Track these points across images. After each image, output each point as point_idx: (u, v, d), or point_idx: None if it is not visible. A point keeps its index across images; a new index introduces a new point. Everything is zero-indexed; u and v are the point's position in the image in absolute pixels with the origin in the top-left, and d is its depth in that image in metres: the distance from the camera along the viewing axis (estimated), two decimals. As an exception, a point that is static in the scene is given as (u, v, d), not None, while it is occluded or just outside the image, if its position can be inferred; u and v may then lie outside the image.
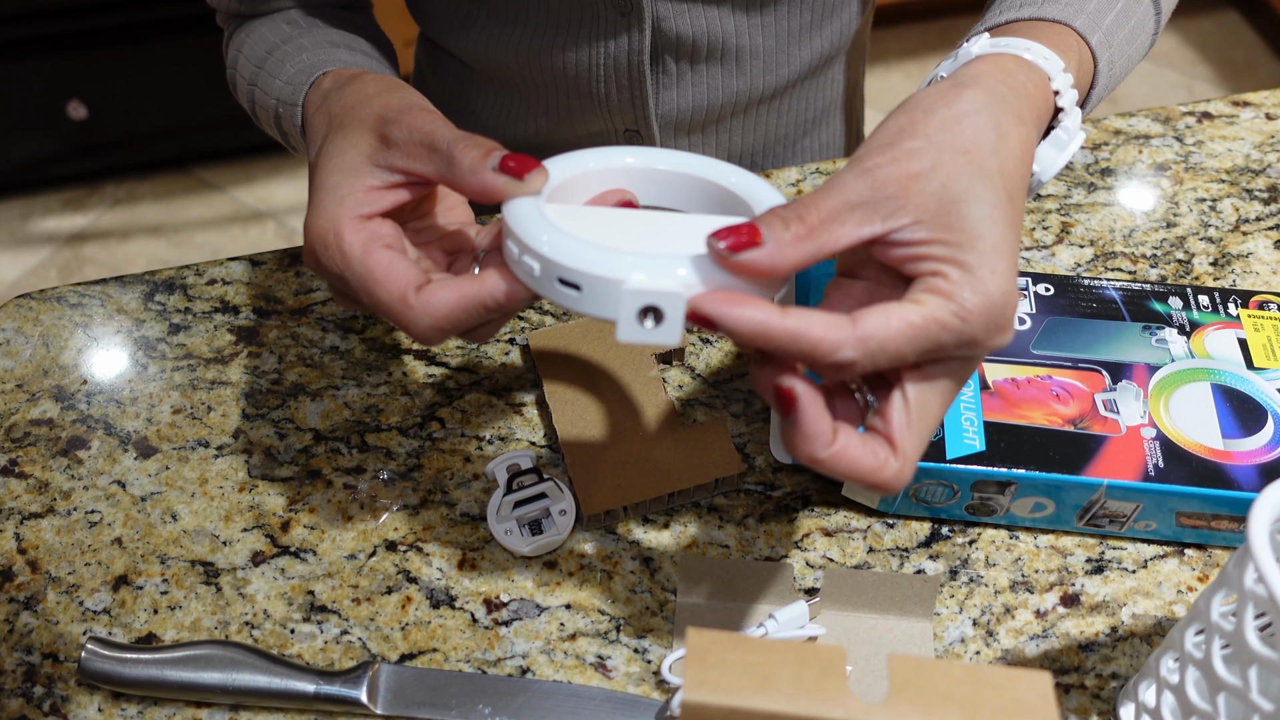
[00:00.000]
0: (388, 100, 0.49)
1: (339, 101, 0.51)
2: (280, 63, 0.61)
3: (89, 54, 1.79)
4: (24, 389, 0.62)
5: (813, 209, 0.40)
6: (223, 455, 0.60)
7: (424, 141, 0.46)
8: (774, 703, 0.36)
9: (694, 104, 0.73)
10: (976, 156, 0.41)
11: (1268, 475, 0.52)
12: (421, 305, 0.45)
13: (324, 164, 0.48)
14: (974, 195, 0.41)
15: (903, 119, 0.43)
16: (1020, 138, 0.43)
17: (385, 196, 0.47)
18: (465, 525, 0.57)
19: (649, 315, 0.38)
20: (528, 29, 0.70)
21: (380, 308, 0.46)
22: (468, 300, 0.44)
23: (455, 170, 0.45)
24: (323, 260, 0.47)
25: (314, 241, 0.47)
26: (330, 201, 0.47)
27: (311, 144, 0.52)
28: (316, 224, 0.47)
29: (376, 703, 0.50)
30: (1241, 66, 2.19)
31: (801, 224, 0.40)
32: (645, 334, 0.39)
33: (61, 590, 0.55)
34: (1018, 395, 0.55)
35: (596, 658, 0.52)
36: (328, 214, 0.46)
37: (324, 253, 0.46)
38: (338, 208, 0.46)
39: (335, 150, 0.48)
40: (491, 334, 0.48)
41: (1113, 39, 0.52)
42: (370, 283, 0.45)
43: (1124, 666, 0.52)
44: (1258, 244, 0.68)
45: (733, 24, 0.70)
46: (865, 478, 0.40)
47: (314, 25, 0.65)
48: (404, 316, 0.45)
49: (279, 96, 0.59)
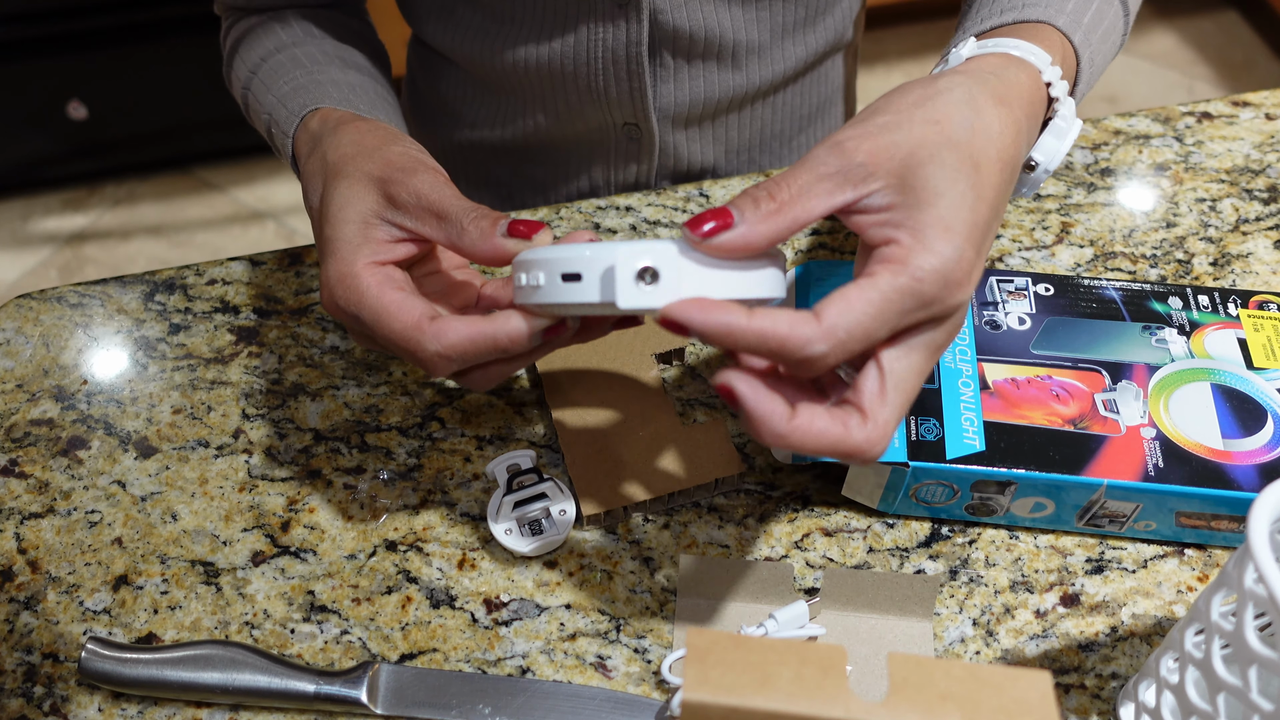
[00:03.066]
0: (388, 156, 0.50)
1: (335, 149, 0.52)
2: (273, 74, 0.62)
3: (89, 54, 1.79)
4: (24, 389, 0.62)
5: (783, 185, 0.42)
6: (223, 455, 0.60)
7: (431, 209, 0.48)
8: (774, 702, 0.36)
9: (691, 98, 0.73)
10: (946, 127, 0.42)
11: (1267, 475, 0.52)
12: (434, 332, 0.46)
13: (332, 215, 0.50)
14: (937, 160, 0.41)
15: (879, 102, 0.44)
16: (1000, 117, 0.44)
17: (395, 249, 0.49)
18: (465, 525, 0.57)
19: (645, 276, 0.41)
20: (523, 27, 0.70)
21: (393, 338, 0.47)
22: (480, 334, 0.46)
23: (464, 240, 0.47)
24: (340, 302, 0.48)
25: (332, 285, 0.48)
26: (346, 250, 0.48)
27: (310, 190, 0.53)
28: (334, 269, 0.49)
29: (376, 703, 0.50)
30: (1241, 67, 2.19)
31: (772, 200, 0.41)
32: (646, 296, 0.41)
33: (62, 590, 0.55)
34: (1018, 395, 0.55)
35: (596, 658, 0.52)
36: (344, 259, 0.48)
37: (342, 294, 0.48)
38: (353, 254, 0.48)
39: (342, 201, 0.50)
40: (491, 382, 0.49)
41: (1091, 37, 0.53)
42: (384, 316, 0.47)
43: (1124, 666, 0.52)
44: (1257, 244, 0.68)
45: (729, 18, 0.70)
46: (834, 447, 0.41)
47: (309, 35, 0.65)
48: (415, 343, 0.46)
49: (270, 112, 0.61)
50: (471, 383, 0.49)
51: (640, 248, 0.41)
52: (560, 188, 0.81)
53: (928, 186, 0.41)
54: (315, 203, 0.52)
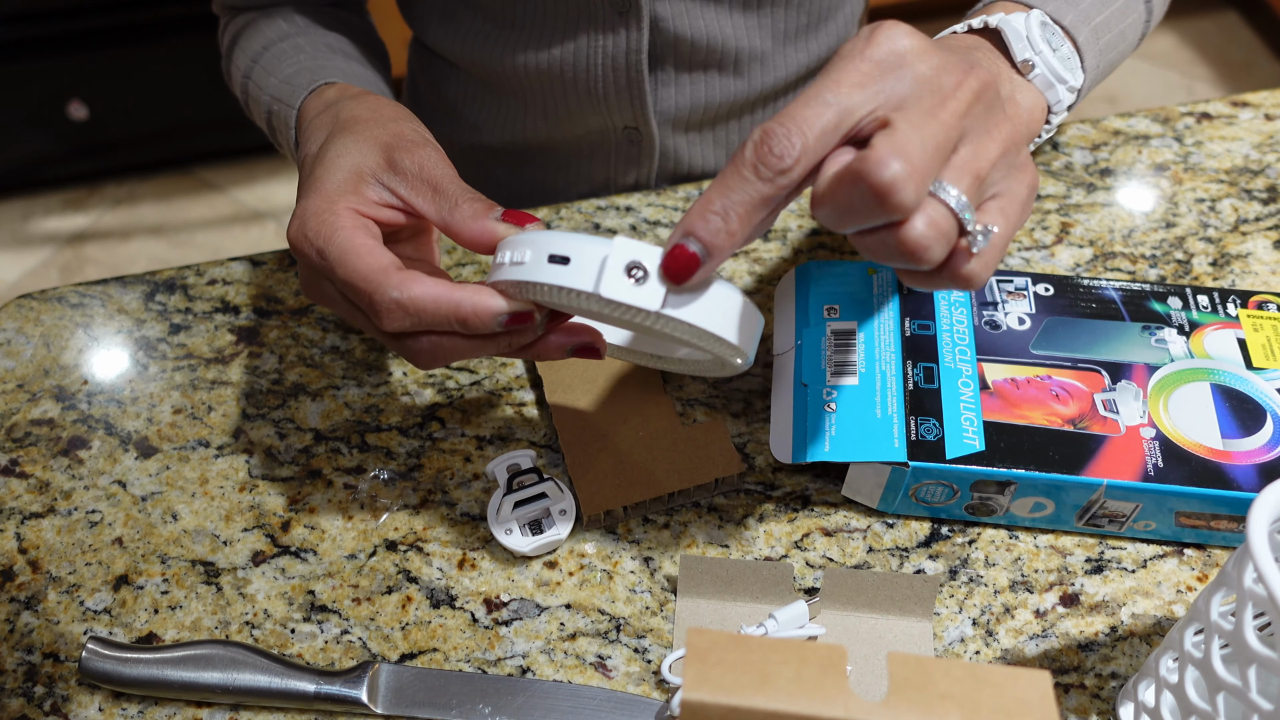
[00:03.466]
0: (401, 128, 0.49)
1: (349, 110, 0.52)
2: (276, 60, 0.62)
3: (89, 54, 1.79)
4: (25, 389, 0.62)
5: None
6: (223, 455, 0.60)
7: (430, 181, 0.47)
8: (774, 702, 0.36)
9: (692, 103, 0.73)
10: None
11: (1267, 475, 0.52)
12: (398, 280, 0.44)
13: (326, 158, 0.49)
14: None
15: None
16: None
17: (380, 210, 0.48)
18: (465, 525, 0.57)
19: (635, 271, 0.41)
20: (523, 31, 0.70)
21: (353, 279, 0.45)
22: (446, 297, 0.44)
23: (455, 215, 0.46)
24: (309, 233, 0.46)
25: (306, 216, 0.47)
26: (331, 187, 0.47)
27: (309, 140, 0.52)
28: (312, 202, 0.47)
29: (376, 702, 0.50)
30: (1240, 67, 2.19)
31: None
32: (629, 290, 0.41)
33: (62, 590, 0.55)
34: (1017, 395, 0.55)
35: (596, 658, 0.52)
36: (326, 195, 0.47)
37: (314, 226, 0.46)
38: (336, 192, 0.47)
39: (341, 149, 0.48)
40: (435, 360, 0.47)
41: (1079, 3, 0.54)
42: (351, 254, 0.45)
43: (1123, 666, 0.52)
44: (1257, 244, 0.68)
45: (730, 25, 0.70)
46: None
47: (311, 26, 0.65)
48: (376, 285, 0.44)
49: (273, 94, 0.60)
50: (415, 354, 0.47)
51: (636, 244, 0.41)
52: (560, 189, 0.81)
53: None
54: (312, 150, 0.51)
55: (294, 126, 0.58)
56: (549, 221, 0.70)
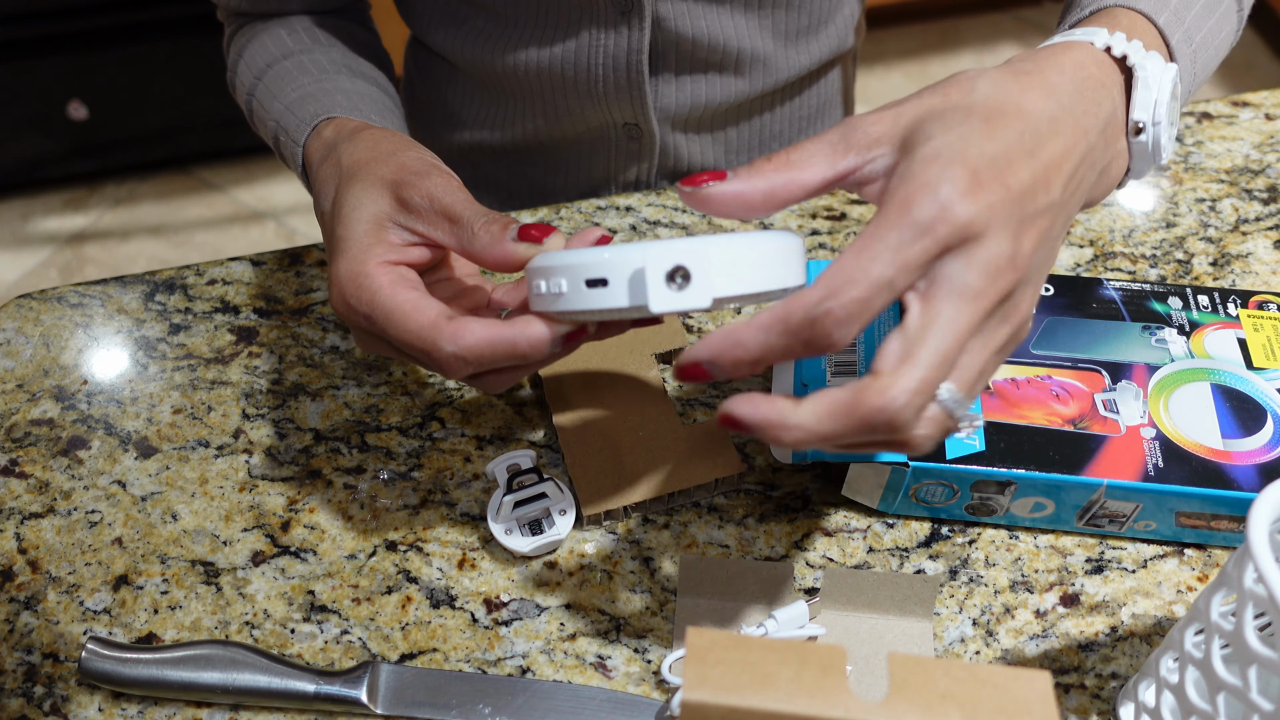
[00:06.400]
0: (403, 161, 0.49)
1: (350, 154, 0.52)
2: (280, 81, 0.62)
3: (89, 54, 1.79)
4: (24, 389, 0.62)
5: (786, 150, 0.42)
6: (223, 455, 0.60)
7: (443, 213, 0.47)
8: (774, 702, 0.36)
9: (693, 102, 0.73)
10: (955, 95, 0.41)
11: (1267, 475, 0.52)
12: (451, 333, 0.45)
13: (344, 216, 0.49)
14: (938, 117, 0.40)
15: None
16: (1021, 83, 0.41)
17: (408, 252, 0.48)
18: (465, 525, 0.57)
19: (676, 277, 0.40)
20: (524, 28, 0.70)
21: (407, 338, 0.46)
22: (500, 339, 0.45)
23: (475, 244, 0.46)
24: (351, 301, 0.47)
25: (343, 283, 0.47)
26: (357, 249, 0.47)
27: (322, 195, 0.52)
28: (345, 267, 0.47)
29: (376, 703, 0.50)
30: (1241, 66, 2.19)
31: (769, 161, 0.41)
32: (678, 297, 0.40)
33: (62, 590, 0.55)
34: (1017, 395, 0.55)
35: (596, 658, 0.52)
36: (356, 258, 0.47)
37: (353, 292, 0.47)
38: (365, 253, 0.47)
39: (354, 203, 0.49)
40: (504, 385, 0.49)
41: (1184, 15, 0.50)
42: (398, 315, 0.46)
43: (1124, 666, 0.52)
44: (1257, 244, 0.68)
45: (732, 25, 0.70)
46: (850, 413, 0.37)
47: (316, 43, 0.65)
48: (430, 343, 0.45)
49: (278, 120, 0.60)
50: (485, 386, 0.49)
51: (666, 248, 0.40)
52: (560, 188, 0.81)
53: (922, 137, 0.40)
54: (326, 207, 0.51)
55: (301, 165, 0.58)
56: (550, 222, 0.70)
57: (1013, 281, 0.39)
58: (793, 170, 0.41)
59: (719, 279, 0.40)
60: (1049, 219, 0.40)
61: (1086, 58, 0.44)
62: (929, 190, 0.38)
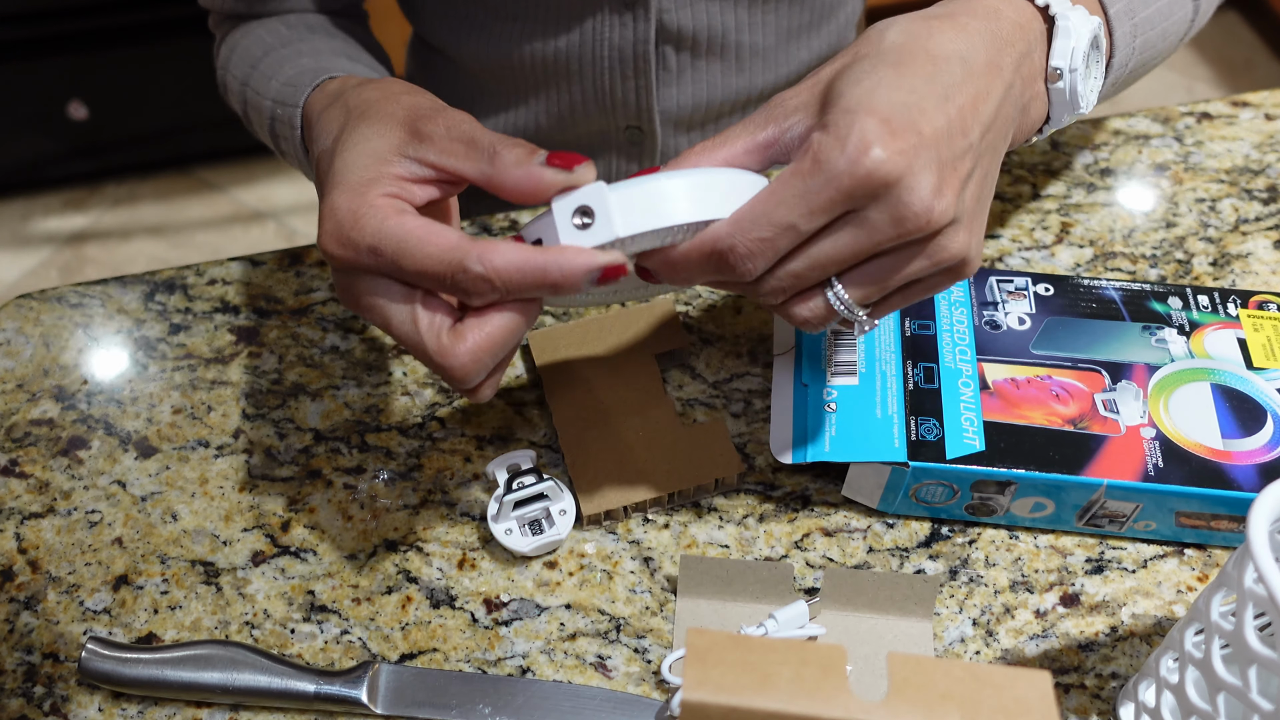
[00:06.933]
0: (418, 100, 0.46)
1: (359, 96, 0.48)
2: (278, 64, 0.60)
3: (89, 54, 1.79)
4: (24, 389, 0.62)
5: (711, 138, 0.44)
6: (223, 455, 0.60)
7: (463, 138, 0.43)
8: (774, 702, 0.36)
9: (694, 100, 0.73)
10: (864, 48, 0.42)
11: (1267, 475, 0.52)
12: (478, 253, 0.40)
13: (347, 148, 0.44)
14: (848, 71, 0.41)
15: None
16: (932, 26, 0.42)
17: (413, 189, 0.44)
18: (465, 525, 0.57)
19: (578, 216, 0.42)
20: (528, 24, 0.70)
21: (428, 263, 0.41)
22: (531, 262, 0.40)
23: (497, 165, 0.42)
24: (352, 234, 0.41)
25: (341, 215, 0.42)
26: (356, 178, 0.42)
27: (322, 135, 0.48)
28: (342, 198, 0.42)
29: (376, 703, 0.50)
30: (1241, 67, 2.19)
31: (693, 149, 0.44)
32: (582, 235, 0.41)
33: (62, 590, 0.55)
34: (1017, 395, 0.55)
35: (596, 658, 0.52)
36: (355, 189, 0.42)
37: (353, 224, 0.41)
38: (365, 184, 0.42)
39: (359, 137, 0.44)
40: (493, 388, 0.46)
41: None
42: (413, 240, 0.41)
43: (1124, 666, 0.52)
44: (1257, 244, 0.68)
45: (734, 20, 0.70)
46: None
47: (313, 33, 0.64)
48: (456, 264, 0.40)
49: (275, 97, 0.58)
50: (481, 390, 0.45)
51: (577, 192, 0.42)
52: None
53: (834, 95, 0.41)
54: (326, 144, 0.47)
55: (299, 126, 0.55)
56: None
57: (927, 224, 0.40)
58: (715, 150, 0.43)
59: (619, 218, 0.41)
60: (970, 160, 0.41)
61: (1004, 4, 0.45)
62: (839, 141, 0.39)
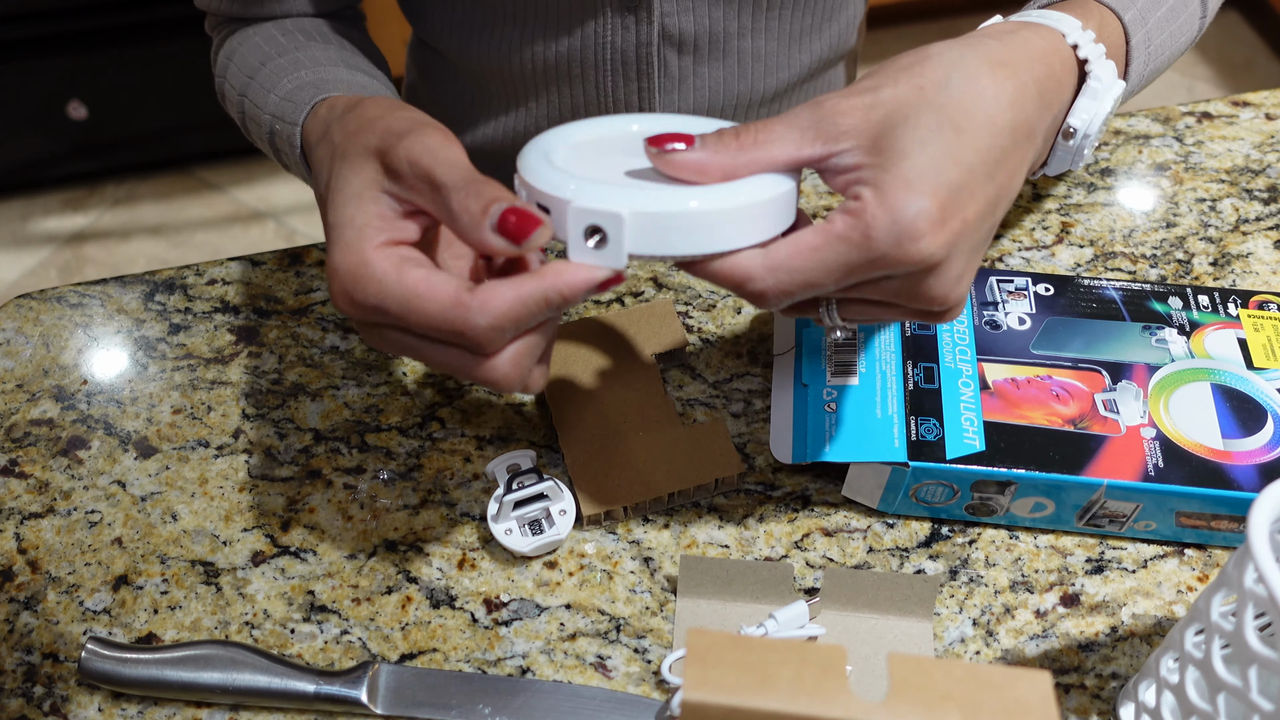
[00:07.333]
0: (389, 123, 0.46)
1: (341, 129, 0.48)
2: (274, 76, 0.60)
3: (89, 54, 1.79)
4: (24, 389, 0.62)
5: (755, 127, 0.43)
6: (223, 455, 0.60)
7: (423, 177, 0.43)
8: (774, 702, 0.36)
9: (696, 104, 0.73)
10: (928, 90, 0.42)
11: (1268, 475, 0.52)
12: (479, 303, 0.41)
13: (333, 197, 0.45)
14: (912, 122, 0.41)
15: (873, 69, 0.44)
16: (995, 80, 0.42)
17: (403, 225, 0.44)
18: (465, 525, 0.57)
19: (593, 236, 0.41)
20: (530, 27, 0.69)
21: (433, 322, 0.41)
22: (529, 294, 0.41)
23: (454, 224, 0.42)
24: (356, 295, 0.43)
25: (343, 277, 0.43)
26: (350, 234, 0.43)
27: (318, 178, 0.49)
28: (342, 259, 0.43)
29: (376, 703, 0.50)
30: (1241, 66, 2.19)
31: (736, 138, 0.42)
32: (594, 254, 0.41)
33: (61, 590, 0.55)
34: (1018, 395, 0.55)
35: (596, 658, 0.52)
36: (351, 247, 0.43)
37: (355, 286, 0.43)
38: (359, 239, 0.43)
39: (342, 181, 0.45)
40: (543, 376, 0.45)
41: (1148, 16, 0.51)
42: (414, 299, 0.42)
43: (1124, 666, 0.52)
44: (1257, 244, 0.68)
45: (736, 24, 0.70)
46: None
47: (310, 40, 0.64)
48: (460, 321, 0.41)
49: (274, 112, 0.57)
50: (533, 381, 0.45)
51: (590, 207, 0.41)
52: None
53: (897, 147, 0.41)
54: (320, 190, 0.48)
55: (300, 146, 0.55)
56: None
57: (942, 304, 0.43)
58: (759, 149, 0.42)
59: (631, 244, 0.41)
60: (989, 234, 0.43)
61: (1053, 53, 0.46)
62: (893, 222, 0.40)
